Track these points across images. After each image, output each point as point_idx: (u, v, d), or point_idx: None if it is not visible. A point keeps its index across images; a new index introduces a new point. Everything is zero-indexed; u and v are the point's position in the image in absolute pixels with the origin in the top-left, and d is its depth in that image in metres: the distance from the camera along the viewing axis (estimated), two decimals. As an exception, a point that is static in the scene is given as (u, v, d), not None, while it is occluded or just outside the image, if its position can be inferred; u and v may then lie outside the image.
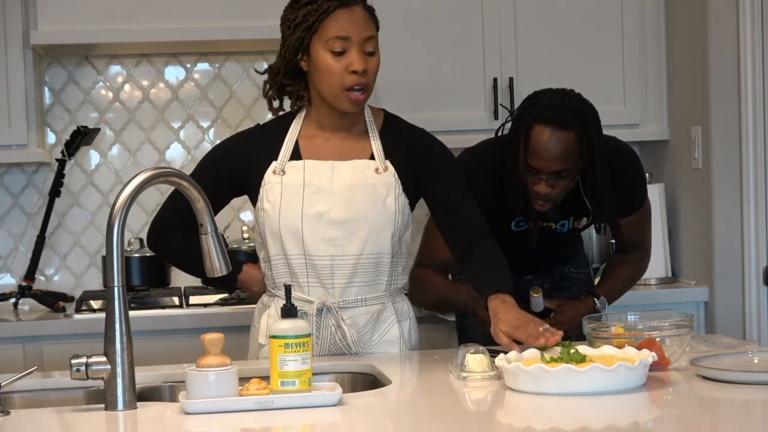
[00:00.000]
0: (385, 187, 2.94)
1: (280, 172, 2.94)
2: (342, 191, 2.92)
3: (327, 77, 2.91)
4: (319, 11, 2.90)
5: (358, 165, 2.94)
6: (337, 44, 2.89)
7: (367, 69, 2.91)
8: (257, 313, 3.07)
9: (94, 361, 2.38)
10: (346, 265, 2.92)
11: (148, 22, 4.16)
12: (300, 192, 2.92)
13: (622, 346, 2.52)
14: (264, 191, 2.94)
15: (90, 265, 4.53)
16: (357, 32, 2.90)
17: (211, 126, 4.59)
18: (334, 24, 2.90)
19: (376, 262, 2.94)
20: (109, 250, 2.40)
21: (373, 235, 2.92)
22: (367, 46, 2.93)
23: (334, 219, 2.91)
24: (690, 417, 2.24)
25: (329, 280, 2.92)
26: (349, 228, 2.91)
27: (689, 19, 4.32)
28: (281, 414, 2.31)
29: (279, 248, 2.94)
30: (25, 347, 3.94)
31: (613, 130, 4.50)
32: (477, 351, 2.59)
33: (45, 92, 4.49)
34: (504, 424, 2.25)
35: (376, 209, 2.92)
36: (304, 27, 2.92)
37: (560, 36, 4.41)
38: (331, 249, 2.91)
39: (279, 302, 2.93)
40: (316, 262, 2.92)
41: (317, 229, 2.91)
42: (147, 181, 2.44)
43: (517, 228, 3.38)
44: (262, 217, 2.95)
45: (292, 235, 2.91)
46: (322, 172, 2.93)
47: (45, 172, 4.48)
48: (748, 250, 4.19)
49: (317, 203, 2.91)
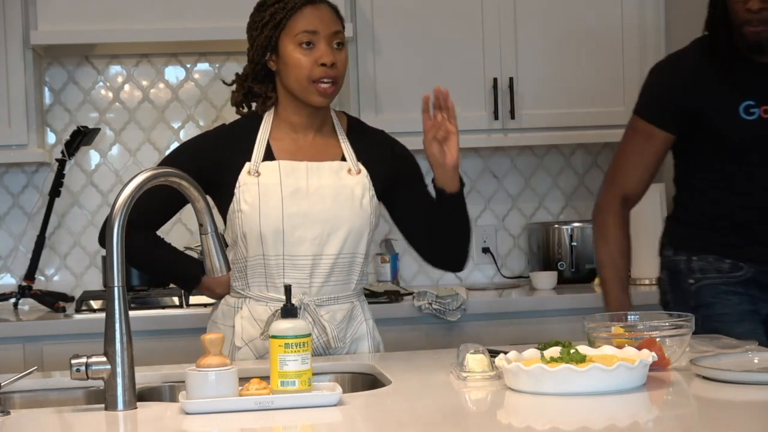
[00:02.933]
0: (360, 188, 2.99)
1: (255, 173, 2.95)
2: (318, 191, 2.95)
3: (296, 71, 2.95)
4: (287, 8, 2.96)
5: (333, 166, 2.99)
6: (305, 38, 2.95)
7: (336, 62, 2.96)
8: (222, 315, 3.04)
9: (94, 361, 2.38)
10: (325, 264, 2.95)
11: (148, 22, 4.16)
12: (278, 192, 2.93)
13: (622, 346, 2.52)
14: (240, 192, 2.94)
15: (90, 265, 4.53)
16: (325, 26, 2.96)
17: (211, 126, 4.59)
18: (302, 19, 2.96)
19: (350, 261, 2.99)
20: (109, 250, 2.40)
21: (351, 236, 2.97)
22: (336, 40, 2.98)
23: (315, 219, 2.94)
24: (690, 417, 2.25)
25: (308, 279, 2.95)
26: (329, 228, 2.95)
27: (689, 20, 4.31)
28: (281, 414, 2.31)
29: (258, 249, 2.94)
30: (25, 347, 3.94)
31: (613, 130, 4.51)
32: (477, 351, 2.59)
33: (45, 92, 4.50)
34: (504, 424, 2.25)
35: (353, 210, 2.96)
36: (272, 25, 2.97)
37: (560, 36, 4.42)
38: (312, 248, 2.94)
39: (251, 303, 2.96)
40: (297, 261, 2.94)
41: (299, 228, 2.93)
42: (147, 181, 2.44)
43: (748, 116, 3.31)
44: (239, 218, 2.94)
45: (273, 236, 2.92)
46: (297, 173, 2.96)
47: (45, 172, 4.48)
48: (748, 250, 4.18)
49: (296, 203, 2.93)
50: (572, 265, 4.53)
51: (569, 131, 4.47)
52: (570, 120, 4.44)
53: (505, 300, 4.31)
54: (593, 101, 4.46)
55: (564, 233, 4.55)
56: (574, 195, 4.80)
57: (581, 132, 4.47)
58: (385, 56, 4.31)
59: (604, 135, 4.51)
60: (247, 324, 2.97)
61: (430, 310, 4.06)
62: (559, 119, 4.44)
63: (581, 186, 4.79)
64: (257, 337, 2.95)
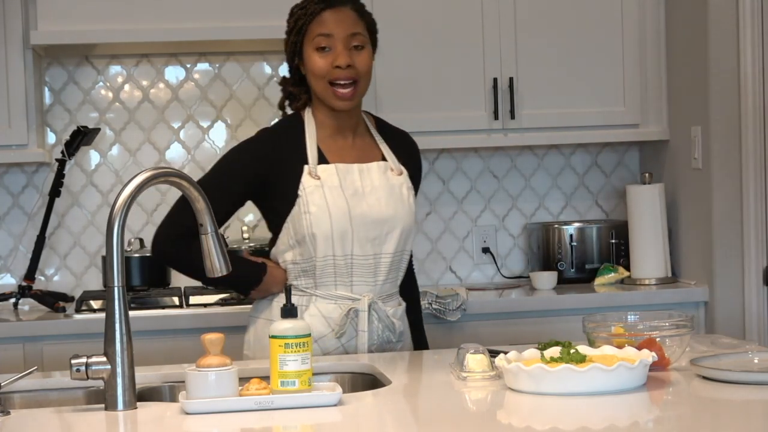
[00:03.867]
0: (405, 188, 3.11)
1: (315, 176, 3.03)
2: (373, 192, 3.06)
3: (315, 74, 3.04)
4: (307, 14, 3.05)
5: (380, 167, 3.10)
6: (322, 41, 3.03)
7: (353, 63, 3.02)
8: (279, 312, 3.08)
9: (94, 361, 2.38)
10: (384, 262, 3.07)
11: (148, 22, 4.16)
12: (341, 194, 3.03)
13: (622, 346, 2.52)
14: (305, 194, 3.02)
15: (90, 265, 4.53)
16: (341, 29, 3.03)
17: (211, 126, 4.60)
18: (319, 24, 3.04)
19: (400, 259, 3.11)
20: (109, 250, 2.40)
21: (404, 234, 3.09)
22: (353, 42, 3.04)
23: (375, 219, 3.04)
24: (690, 417, 2.24)
25: (373, 277, 3.05)
26: (387, 227, 3.06)
27: (689, 20, 4.32)
28: (281, 414, 2.31)
29: (327, 250, 3.02)
30: (25, 347, 3.94)
31: (613, 130, 4.53)
32: (477, 351, 2.59)
33: (45, 92, 4.49)
34: (504, 424, 2.25)
35: (404, 209, 3.08)
36: (296, 31, 3.07)
37: (560, 36, 4.41)
38: (374, 248, 3.05)
39: (319, 302, 3.05)
40: (362, 261, 3.04)
41: (362, 229, 3.03)
42: (147, 181, 2.44)
43: None
44: (307, 220, 3.01)
45: (342, 236, 3.02)
46: (352, 175, 3.06)
47: (45, 172, 4.48)
48: (748, 250, 4.19)
49: (357, 204, 3.03)
50: (572, 265, 4.53)
51: (569, 131, 4.46)
52: (570, 120, 4.43)
53: (505, 300, 4.31)
54: (593, 101, 4.46)
55: (564, 233, 4.55)
56: (574, 195, 4.80)
57: (581, 132, 4.47)
58: (385, 56, 4.30)
59: (604, 135, 4.51)
60: (316, 322, 3.03)
61: (431, 310, 4.06)
62: (559, 119, 4.44)
63: (581, 186, 4.79)
64: (327, 334, 3.04)
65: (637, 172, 4.77)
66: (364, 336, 3.03)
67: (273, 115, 4.60)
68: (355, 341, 3.04)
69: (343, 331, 3.03)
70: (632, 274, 4.44)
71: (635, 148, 4.80)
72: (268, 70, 4.60)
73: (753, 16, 4.15)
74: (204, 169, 4.56)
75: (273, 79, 4.59)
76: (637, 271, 4.42)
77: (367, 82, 3.08)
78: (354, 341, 3.05)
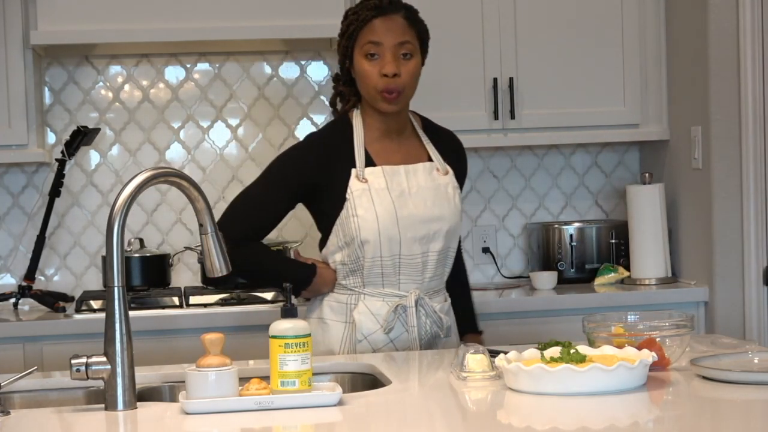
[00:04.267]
0: (451, 187, 3.18)
1: (363, 178, 3.10)
2: (419, 193, 3.12)
3: (363, 80, 3.12)
4: (359, 20, 3.12)
5: (426, 167, 3.17)
6: (370, 49, 3.10)
7: (399, 72, 3.09)
8: (331, 311, 3.16)
9: (94, 361, 2.38)
10: (431, 261, 3.13)
11: (148, 22, 4.16)
12: (388, 197, 3.09)
13: (622, 346, 2.52)
14: (353, 198, 3.08)
15: (90, 265, 4.53)
16: (390, 38, 3.10)
17: (211, 126, 4.59)
18: (369, 31, 3.11)
19: (446, 256, 3.17)
20: (109, 250, 2.40)
21: (450, 232, 3.16)
22: (402, 50, 3.11)
23: (421, 219, 3.10)
24: (690, 417, 2.24)
25: (420, 275, 3.12)
26: (434, 227, 3.12)
27: (689, 19, 4.32)
28: (281, 414, 2.31)
29: (375, 252, 3.08)
30: (25, 347, 3.94)
31: (613, 130, 4.52)
32: (477, 351, 2.59)
33: (45, 92, 4.49)
34: (504, 424, 2.25)
35: (450, 208, 3.15)
36: (347, 36, 3.15)
37: (560, 36, 4.41)
38: (421, 247, 3.11)
39: (367, 299, 3.11)
40: (409, 260, 3.10)
41: (410, 230, 3.10)
42: (147, 181, 2.44)
43: None
44: (355, 223, 3.07)
45: (390, 239, 3.08)
46: (398, 176, 3.12)
47: (45, 172, 4.48)
48: (748, 250, 4.19)
49: (404, 206, 3.10)
50: (572, 265, 4.53)
51: (569, 131, 4.46)
52: (570, 120, 4.43)
53: (505, 300, 4.31)
54: (593, 101, 4.45)
55: (564, 233, 4.55)
56: (574, 195, 4.80)
57: (581, 132, 4.47)
58: (385, 56, 4.31)
59: (604, 135, 4.52)
60: (365, 319, 3.10)
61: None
62: (559, 119, 4.44)
63: (581, 186, 4.79)
64: (376, 330, 3.10)
65: (637, 172, 4.77)
66: (413, 331, 3.08)
67: (273, 114, 4.60)
68: (405, 337, 3.10)
69: (391, 326, 3.09)
70: (632, 274, 4.43)
71: (635, 148, 4.80)
72: (268, 70, 4.60)
73: (753, 16, 4.15)
74: (204, 169, 4.57)
75: (273, 79, 4.60)
76: (637, 271, 4.42)
77: (412, 89, 3.15)
78: (402, 337, 3.10)
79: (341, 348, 3.12)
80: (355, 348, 3.10)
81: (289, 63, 4.60)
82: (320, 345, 3.13)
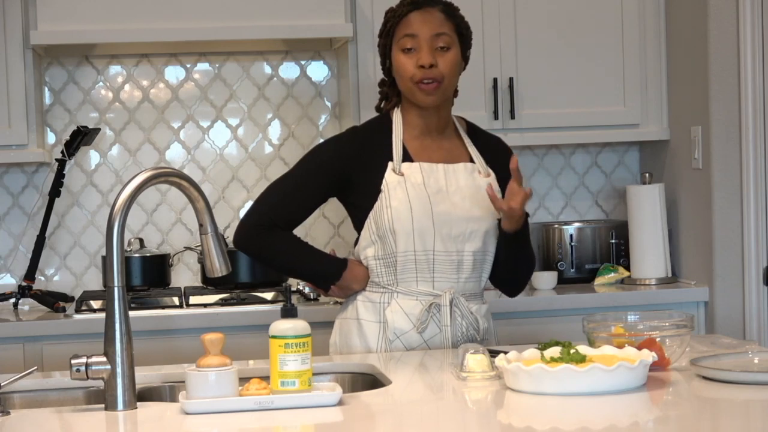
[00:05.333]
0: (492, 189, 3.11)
1: (399, 172, 3.08)
2: (458, 192, 3.10)
3: (401, 74, 3.11)
4: (395, 16, 3.13)
5: (467, 167, 3.15)
6: (407, 42, 3.09)
7: (436, 63, 3.08)
8: (365, 311, 3.12)
9: (94, 361, 2.38)
10: (467, 261, 3.09)
11: (148, 22, 4.16)
12: (424, 191, 3.07)
13: (622, 346, 2.52)
14: (388, 189, 3.07)
15: (90, 265, 4.53)
16: (426, 30, 3.09)
17: (211, 126, 4.59)
18: (405, 25, 3.11)
19: (483, 259, 3.14)
20: (109, 250, 2.40)
21: (487, 234, 3.12)
22: (438, 42, 3.09)
23: (458, 217, 3.08)
24: (690, 417, 2.24)
25: (455, 274, 3.08)
26: (471, 226, 3.09)
27: (689, 19, 4.32)
28: (281, 414, 2.31)
29: (408, 245, 3.06)
30: (25, 347, 3.94)
31: (613, 130, 4.52)
32: (477, 351, 2.59)
33: (45, 92, 4.49)
34: (504, 424, 2.25)
35: (489, 210, 3.10)
36: (385, 33, 3.15)
37: (560, 36, 4.41)
38: (456, 245, 3.08)
39: (400, 298, 3.07)
40: (444, 257, 3.07)
41: (445, 226, 3.07)
42: (147, 181, 2.44)
43: None
44: (388, 214, 3.06)
45: (423, 233, 3.05)
46: (437, 174, 3.11)
47: (45, 172, 4.48)
48: (748, 250, 4.19)
49: (440, 202, 3.07)
50: (572, 265, 4.53)
51: (569, 131, 4.46)
52: (570, 120, 4.43)
53: (505, 300, 4.30)
54: (593, 101, 4.46)
55: (564, 233, 4.55)
56: (574, 195, 4.80)
57: (581, 132, 4.47)
58: (385, 56, 4.31)
59: (604, 135, 4.52)
60: (398, 318, 3.07)
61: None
62: (559, 119, 4.44)
63: (581, 186, 4.79)
64: (409, 330, 3.06)
65: (637, 172, 4.77)
66: (447, 331, 3.05)
67: (273, 114, 4.60)
68: (440, 338, 3.06)
69: (424, 326, 3.05)
70: (632, 274, 4.44)
71: (635, 148, 4.80)
72: (268, 70, 4.60)
73: (753, 16, 4.15)
74: (204, 169, 4.57)
75: (273, 79, 4.60)
76: (637, 271, 4.42)
77: (450, 81, 3.11)
78: (437, 338, 3.06)
79: (378, 348, 3.08)
80: (389, 348, 3.07)
81: (289, 63, 4.60)
82: (357, 346, 3.11)
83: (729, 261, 4.21)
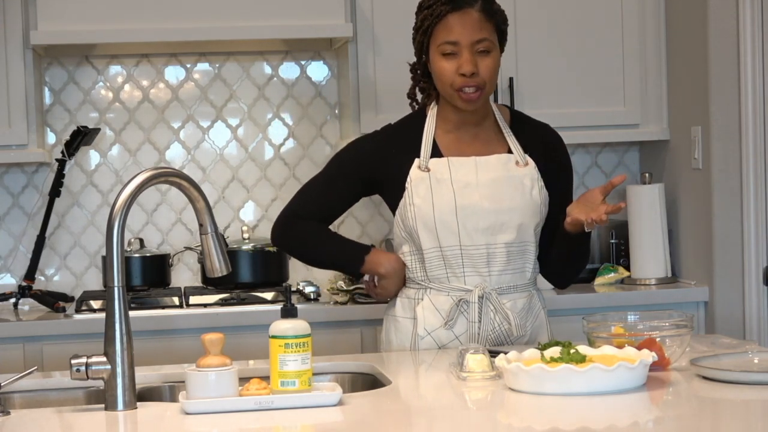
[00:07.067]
0: (529, 180, 3.07)
1: (425, 168, 3.05)
2: (488, 184, 3.04)
3: (440, 78, 3.04)
4: (433, 15, 3.03)
5: (501, 159, 3.08)
6: (447, 48, 3.01)
7: (477, 70, 3.00)
8: (402, 308, 3.11)
9: (94, 361, 2.38)
10: (500, 253, 3.03)
11: (148, 22, 4.16)
12: (449, 186, 3.03)
13: (622, 346, 2.52)
14: (411, 186, 3.05)
15: (90, 265, 4.53)
16: (467, 35, 3.00)
17: (211, 126, 4.59)
18: (445, 29, 3.01)
19: (522, 250, 3.06)
20: (109, 250, 2.40)
21: (522, 225, 3.04)
22: (479, 47, 3.01)
23: (487, 210, 3.02)
24: (690, 417, 2.25)
25: (486, 268, 3.03)
26: (501, 218, 3.03)
27: (689, 19, 4.32)
28: (281, 414, 2.31)
29: (434, 241, 3.03)
30: (25, 347, 3.94)
31: (613, 130, 4.52)
32: (477, 351, 2.59)
33: (45, 92, 4.49)
34: (504, 424, 2.25)
35: (524, 200, 3.05)
36: (422, 31, 3.06)
37: (560, 36, 4.41)
38: (485, 238, 3.02)
39: (432, 293, 3.05)
40: (472, 251, 3.03)
41: (471, 219, 3.02)
42: (147, 181, 2.44)
43: None
44: (412, 211, 3.04)
45: (447, 228, 3.02)
46: (466, 168, 3.05)
47: (45, 172, 4.48)
48: (748, 250, 4.19)
49: (467, 196, 3.03)
50: (572, 265, 4.52)
51: (569, 131, 4.45)
52: (570, 120, 4.43)
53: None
54: (593, 101, 4.45)
55: (564, 233, 4.55)
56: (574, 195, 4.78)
57: (581, 132, 4.47)
58: (385, 56, 4.31)
59: (604, 135, 4.51)
60: (428, 314, 3.05)
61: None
62: (559, 119, 4.42)
63: (581, 186, 4.79)
64: (439, 326, 3.03)
65: (637, 172, 4.76)
66: (474, 327, 3.00)
67: (273, 114, 4.60)
68: (467, 334, 3.02)
69: (452, 321, 3.02)
70: (632, 274, 4.43)
71: (635, 148, 4.80)
72: (268, 70, 4.60)
73: (753, 16, 4.15)
74: (204, 169, 4.57)
75: (273, 79, 4.60)
76: (637, 271, 4.42)
77: (492, 84, 3.06)
78: (468, 334, 3.02)
79: (412, 345, 3.07)
80: (417, 345, 3.05)
81: (289, 63, 4.60)
82: (393, 343, 3.10)
83: (729, 261, 4.21)
